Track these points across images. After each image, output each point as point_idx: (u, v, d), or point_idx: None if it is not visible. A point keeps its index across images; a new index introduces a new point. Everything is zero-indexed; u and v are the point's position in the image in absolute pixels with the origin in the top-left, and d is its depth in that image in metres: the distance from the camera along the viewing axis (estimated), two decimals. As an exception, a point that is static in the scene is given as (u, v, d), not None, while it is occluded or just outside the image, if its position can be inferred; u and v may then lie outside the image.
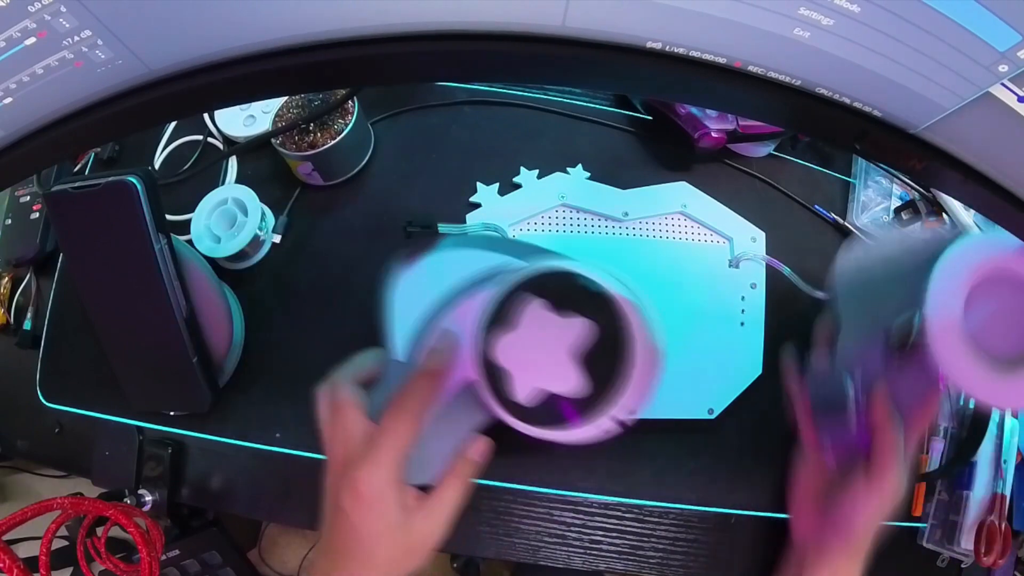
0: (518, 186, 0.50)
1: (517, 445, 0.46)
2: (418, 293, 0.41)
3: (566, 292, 0.35)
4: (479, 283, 0.40)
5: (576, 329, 0.35)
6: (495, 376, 0.36)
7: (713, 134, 0.50)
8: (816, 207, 0.55)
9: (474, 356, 0.36)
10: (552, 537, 0.46)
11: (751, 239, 0.51)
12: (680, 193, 0.51)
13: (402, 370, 0.40)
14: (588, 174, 0.50)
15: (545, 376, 0.35)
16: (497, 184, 0.51)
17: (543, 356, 0.35)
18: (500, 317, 0.35)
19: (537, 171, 0.50)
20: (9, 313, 0.54)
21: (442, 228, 0.43)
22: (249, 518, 0.67)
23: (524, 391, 0.35)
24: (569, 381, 0.35)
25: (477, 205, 0.50)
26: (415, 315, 0.41)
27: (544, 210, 0.49)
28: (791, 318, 0.50)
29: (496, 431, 0.40)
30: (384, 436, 0.36)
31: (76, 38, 0.21)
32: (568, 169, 0.51)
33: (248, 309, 0.48)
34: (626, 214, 0.49)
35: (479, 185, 0.50)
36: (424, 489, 0.38)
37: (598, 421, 0.35)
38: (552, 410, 0.35)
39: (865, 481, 0.41)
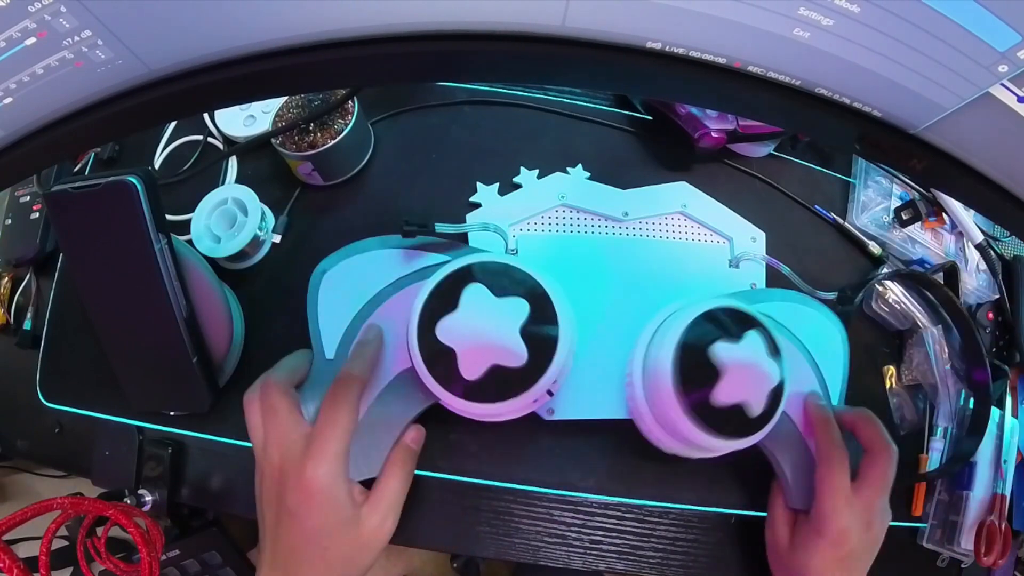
0: (518, 186, 0.50)
1: (517, 445, 0.46)
2: (344, 292, 0.43)
3: (498, 279, 0.39)
4: (407, 279, 0.43)
5: (513, 307, 0.38)
6: (436, 359, 0.38)
7: (713, 134, 0.50)
8: (816, 207, 0.55)
9: (413, 342, 0.38)
10: (552, 537, 0.46)
11: (751, 239, 0.51)
12: (680, 193, 0.51)
13: (331, 367, 0.41)
14: (588, 174, 0.50)
15: (489, 351, 0.38)
16: (497, 184, 0.51)
17: (486, 333, 0.38)
18: (438, 303, 0.38)
19: (537, 171, 0.50)
20: (9, 313, 0.54)
21: (439, 228, 0.43)
22: (249, 518, 0.67)
23: (469, 367, 0.37)
24: (512, 354, 0.38)
25: (477, 205, 0.50)
26: (342, 313, 0.43)
27: (544, 210, 0.49)
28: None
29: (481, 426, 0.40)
30: (322, 431, 0.36)
31: (76, 38, 0.21)
32: (568, 169, 0.51)
33: (248, 309, 0.48)
34: (626, 214, 0.49)
35: (479, 185, 0.50)
36: (369, 485, 0.39)
37: (536, 391, 0.38)
38: (494, 385, 0.38)
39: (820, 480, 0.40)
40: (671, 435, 0.41)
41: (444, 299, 0.38)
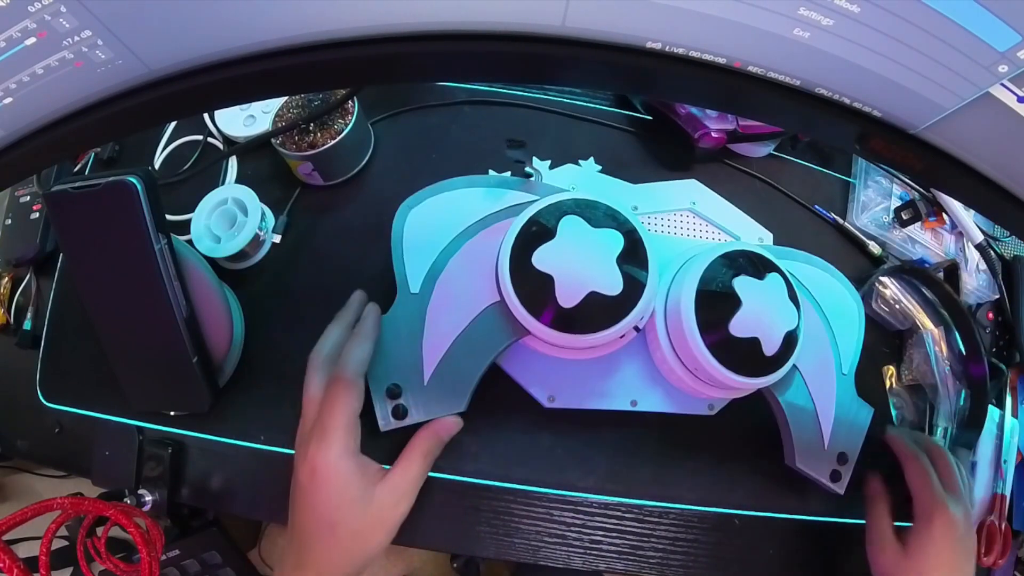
0: (530, 175, 0.50)
1: (517, 445, 0.46)
2: (430, 228, 0.43)
3: (593, 213, 0.40)
4: (493, 216, 0.43)
5: (610, 239, 0.39)
6: (529, 289, 0.38)
7: (713, 134, 0.50)
8: (816, 207, 0.55)
9: (504, 273, 0.39)
10: (552, 537, 0.46)
11: (758, 239, 0.51)
12: (690, 190, 0.50)
13: (417, 301, 0.42)
14: (600, 167, 0.50)
15: (588, 278, 0.38)
16: (508, 173, 0.51)
17: (585, 260, 0.39)
18: (533, 233, 0.39)
19: (549, 161, 0.51)
20: (9, 313, 0.54)
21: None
22: (249, 518, 0.67)
23: (567, 294, 0.38)
24: (609, 282, 0.38)
25: (530, 175, 0.50)
26: (428, 249, 0.43)
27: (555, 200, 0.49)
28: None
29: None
30: (327, 411, 0.37)
31: (76, 38, 0.21)
32: (580, 161, 0.51)
33: (248, 309, 0.48)
34: (636, 208, 0.49)
35: (491, 172, 0.51)
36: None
37: (630, 321, 0.38)
38: (588, 315, 0.38)
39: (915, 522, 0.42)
40: (690, 368, 0.42)
41: (539, 230, 0.39)
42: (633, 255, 0.39)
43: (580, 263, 0.38)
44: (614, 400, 0.45)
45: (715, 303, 0.40)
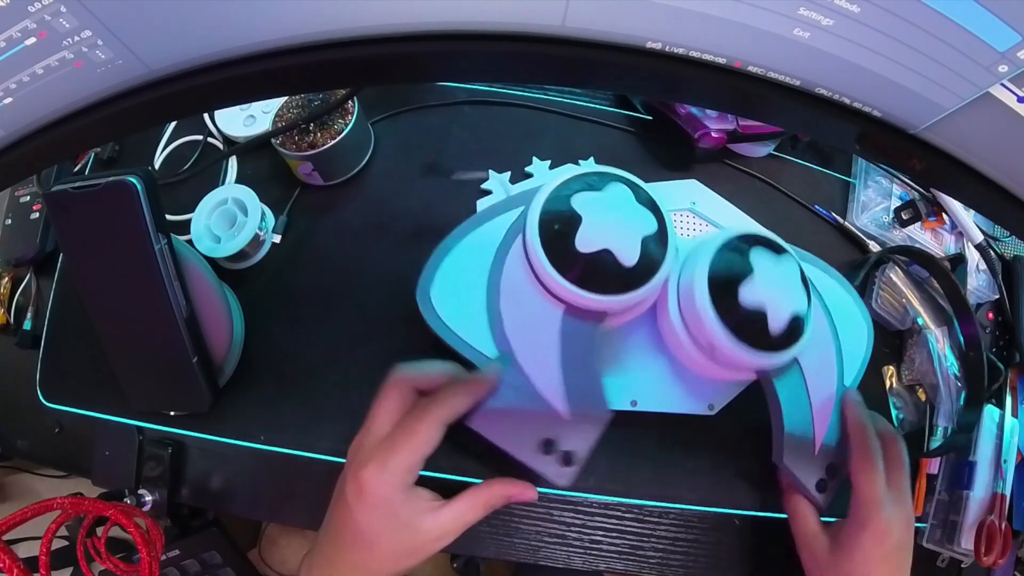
0: (530, 175, 0.51)
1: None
2: (459, 294, 0.42)
3: (636, 192, 0.40)
4: (503, 246, 0.43)
5: (646, 219, 0.40)
6: (551, 225, 0.39)
7: (713, 134, 0.50)
8: (816, 207, 0.55)
9: (534, 216, 0.39)
10: (552, 537, 0.46)
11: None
12: (690, 190, 0.50)
13: (504, 364, 0.40)
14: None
15: (609, 237, 0.38)
16: (508, 173, 0.51)
17: (613, 223, 0.39)
18: (579, 180, 0.40)
19: (549, 161, 0.51)
20: (9, 313, 0.54)
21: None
22: (249, 518, 0.67)
23: (585, 240, 0.38)
24: (627, 251, 0.38)
25: (488, 192, 0.50)
26: (473, 312, 0.42)
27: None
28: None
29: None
30: (400, 438, 0.35)
31: (76, 38, 0.21)
32: (580, 161, 0.51)
33: (248, 309, 0.48)
34: None
35: (491, 173, 0.51)
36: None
37: (637, 294, 0.39)
38: (590, 272, 0.38)
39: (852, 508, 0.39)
40: (693, 332, 0.42)
41: (586, 183, 0.40)
42: (658, 242, 0.40)
43: (611, 218, 0.39)
44: (614, 400, 0.45)
45: (729, 267, 0.40)
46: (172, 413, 0.46)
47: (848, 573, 0.38)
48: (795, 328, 0.40)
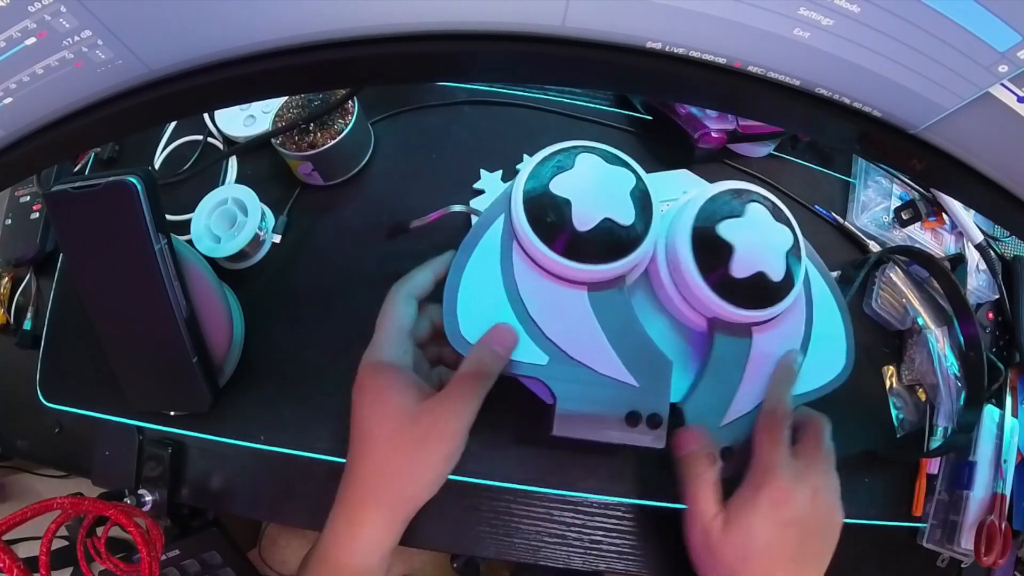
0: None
1: (518, 445, 0.46)
2: (483, 316, 0.40)
3: (605, 155, 0.41)
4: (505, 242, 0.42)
5: (624, 176, 0.40)
6: (543, 216, 0.39)
7: (713, 134, 0.50)
8: (816, 207, 0.55)
9: (518, 203, 0.39)
10: (552, 537, 0.46)
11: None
12: (682, 181, 0.50)
13: (560, 367, 0.40)
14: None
15: (603, 206, 0.39)
16: (500, 171, 0.51)
17: (599, 192, 0.39)
18: (551, 169, 0.40)
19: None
20: (9, 313, 0.54)
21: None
22: (249, 518, 0.67)
23: (582, 219, 0.39)
24: (623, 211, 0.39)
25: (481, 192, 0.50)
26: (490, 309, 0.41)
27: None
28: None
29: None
30: (377, 323, 0.36)
31: (76, 38, 0.21)
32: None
33: (248, 309, 0.48)
34: None
35: (483, 172, 0.51)
36: None
37: (636, 255, 0.39)
38: (601, 243, 0.39)
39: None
40: (688, 300, 0.41)
41: (558, 164, 0.40)
42: (641, 192, 0.40)
43: (593, 193, 0.39)
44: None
45: (717, 210, 0.41)
46: (172, 413, 0.46)
47: (742, 546, 0.34)
48: (762, 289, 0.40)
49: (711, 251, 0.40)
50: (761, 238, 0.41)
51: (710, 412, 0.40)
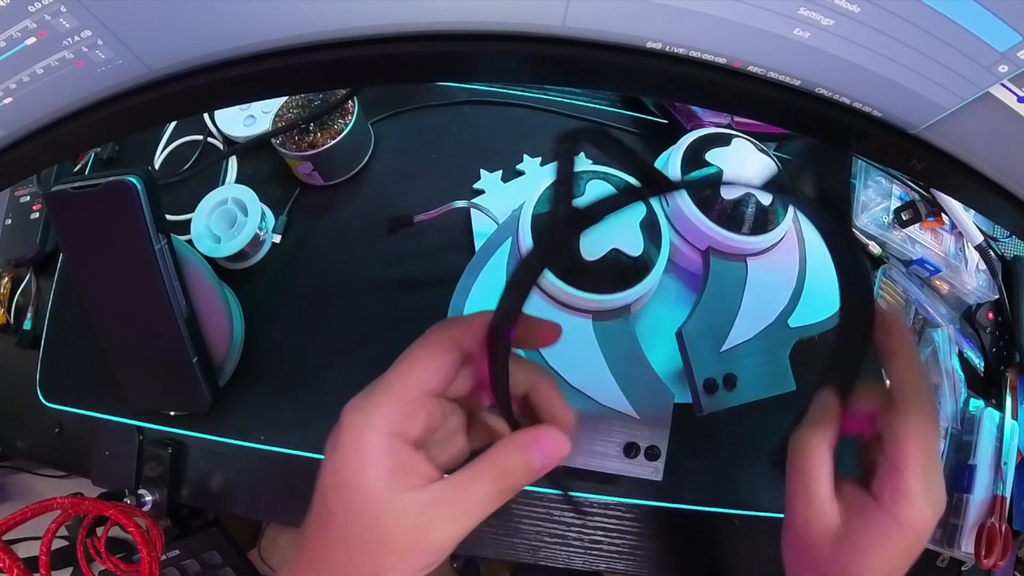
0: (521, 173, 0.51)
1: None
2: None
3: (613, 181, 0.41)
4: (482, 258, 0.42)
5: (634, 206, 0.39)
6: (551, 247, 0.37)
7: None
8: (816, 207, 0.55)
9: (525, 228, 0.39)
10: (552, 537, 0.46)
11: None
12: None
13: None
14: (591, 161, 0.50)
15: (611, 236, 0.38)
16: (500, 171, 0.51)
17: (608, 222, 0.38)
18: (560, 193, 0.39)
19: (540, 158, 0.51)
20: (9, 313, 0.54)
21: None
22: (249, 518, 0.67)
23: (590, 248, 0.38)
24: (631, 243, 0.39)
25: (480, 191, 0.50)
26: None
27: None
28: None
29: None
30: (393, 368, 0.26)
31: (76, 38, 0.21)
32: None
33: (248, 309, 0.48)
34: None
35: (483, 172, 0.51)
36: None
37: (643, 286, 0.38)
38: (608, 274, 0.38)
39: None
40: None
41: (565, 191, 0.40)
42: (651, 222, 0.40)
43: (605, 220, 0.38)
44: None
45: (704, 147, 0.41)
46: (172, 413, 0.46)
47: (857, 572, 0.28)
48: (741, 212, 0.40)
49: (699, 171, 0.40)
50: (745, 165, 0.41)
51: (710, 337, 0.40)
